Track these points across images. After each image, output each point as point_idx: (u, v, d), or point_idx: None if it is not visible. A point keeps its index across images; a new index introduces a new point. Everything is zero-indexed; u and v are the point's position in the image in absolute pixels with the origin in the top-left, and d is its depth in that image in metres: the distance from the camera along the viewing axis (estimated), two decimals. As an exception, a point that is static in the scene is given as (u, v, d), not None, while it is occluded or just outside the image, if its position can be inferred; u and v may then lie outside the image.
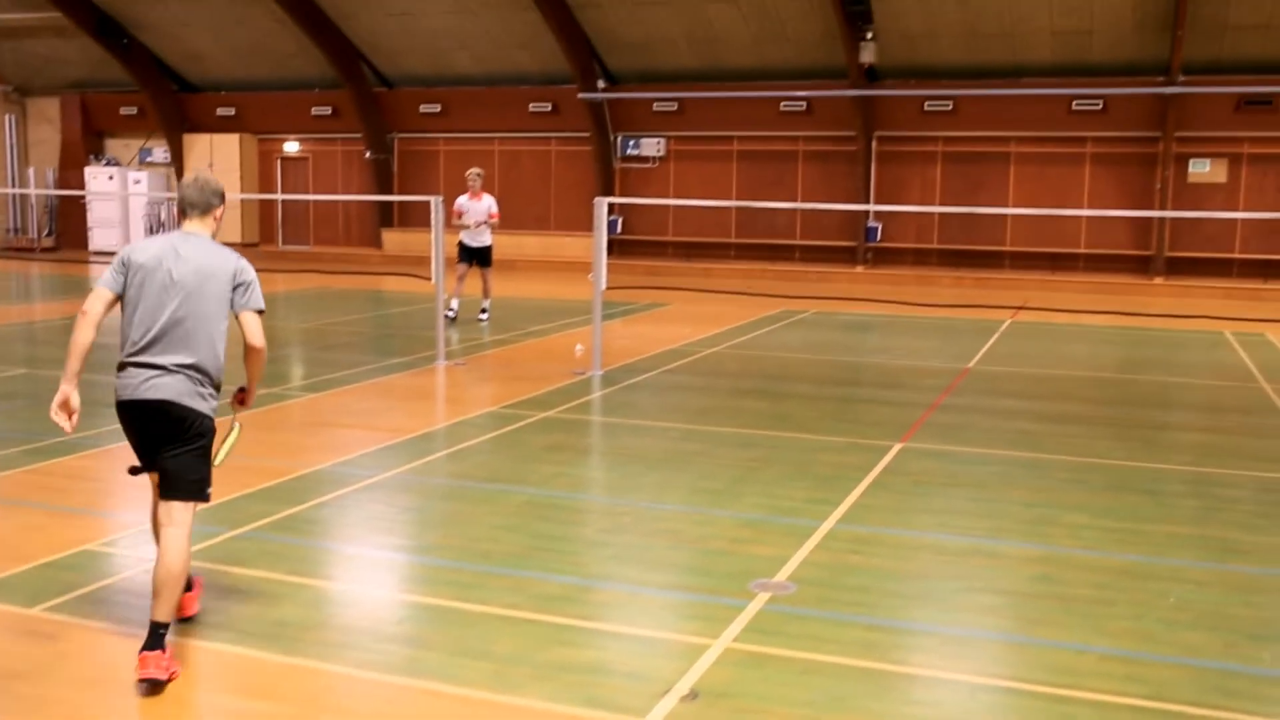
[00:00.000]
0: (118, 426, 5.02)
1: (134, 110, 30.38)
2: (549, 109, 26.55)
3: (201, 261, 4.97)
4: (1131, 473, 7.99)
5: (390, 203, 28.11)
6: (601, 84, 25.65)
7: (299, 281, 22.05)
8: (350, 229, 29.44)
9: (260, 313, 5.04)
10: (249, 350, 5.06)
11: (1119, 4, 20.99)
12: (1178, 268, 22.59)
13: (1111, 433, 9.36)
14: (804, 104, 24.50)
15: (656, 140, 25.93)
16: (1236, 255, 22.40)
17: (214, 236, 5.18)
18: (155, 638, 4.48)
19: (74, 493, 7.14)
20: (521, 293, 20.02)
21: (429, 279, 12.56)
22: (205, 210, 5.22)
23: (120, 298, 4.95)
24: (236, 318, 5.00)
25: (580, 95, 25.41)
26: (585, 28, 24.72)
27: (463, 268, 15.78)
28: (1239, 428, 9.74)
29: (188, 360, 4.89)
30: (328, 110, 28.51)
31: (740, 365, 12.73)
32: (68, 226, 31.33)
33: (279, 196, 28.74)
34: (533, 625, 5.02)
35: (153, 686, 4.40)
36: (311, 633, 4.94)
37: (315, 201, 29.37)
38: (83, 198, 29.98)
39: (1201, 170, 22.46)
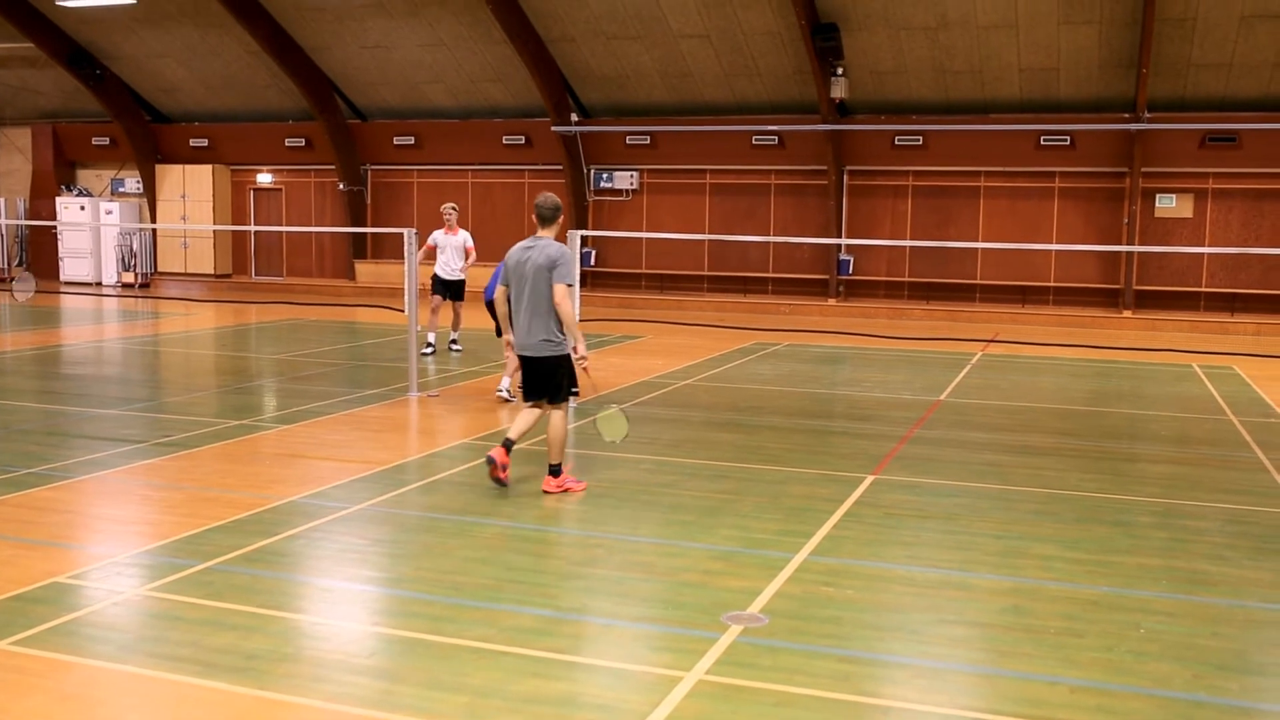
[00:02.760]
0: (88, 458, 5.15)
1: (106, 141, 30.31)
2: (522, 142, 26.67)
3: (538, 257, 7.67)
4: (1101, 505, 8.06)
5: (364, 234, 28.11)
6: (575, 117, 25.79)
7: (272, 313, 21.99)
8: (323, 260, 29.41)
9: (569, 285, 7.73)
10: (555, 308, 7.72)
11: (1085, 43, 21.33)
12: (1146, 301, 22.87)
13: (1081, 465, 9.44)
14: (776, 138, 24.71)
15: (630, 173, 26.08)
16: (1203, 289, 22.69)
17: (556, 236, 7.84)
18: (552, 471, 7.93)
19: (43, 525, 7.07)
20: (494, 324, 20.00)
21: (402, 310, 12.56)
22: (551, 221, 7.85)
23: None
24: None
25: (554, 128, 25.54)
26: (558, 61, 24.88)
27: (436, 300, 15.80)
28: (1207, 460, 9.85)
29: (540, 326, 7.76)
30: (301, 142, 28.53)
31: (713, 397, 12.77)
32: (39, 256, 31.15)
33: (252, 228, 28.68)
34: (505, 658, 5.02)
35: (551, 493, 7.86)
36: (283, 666, 4.91)
37: (288, 233, 29.33)
38: (54, 228, 29.85)
39: (1168, 205, 22.78)
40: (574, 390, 8.11)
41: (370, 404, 11.71)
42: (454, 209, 16.09)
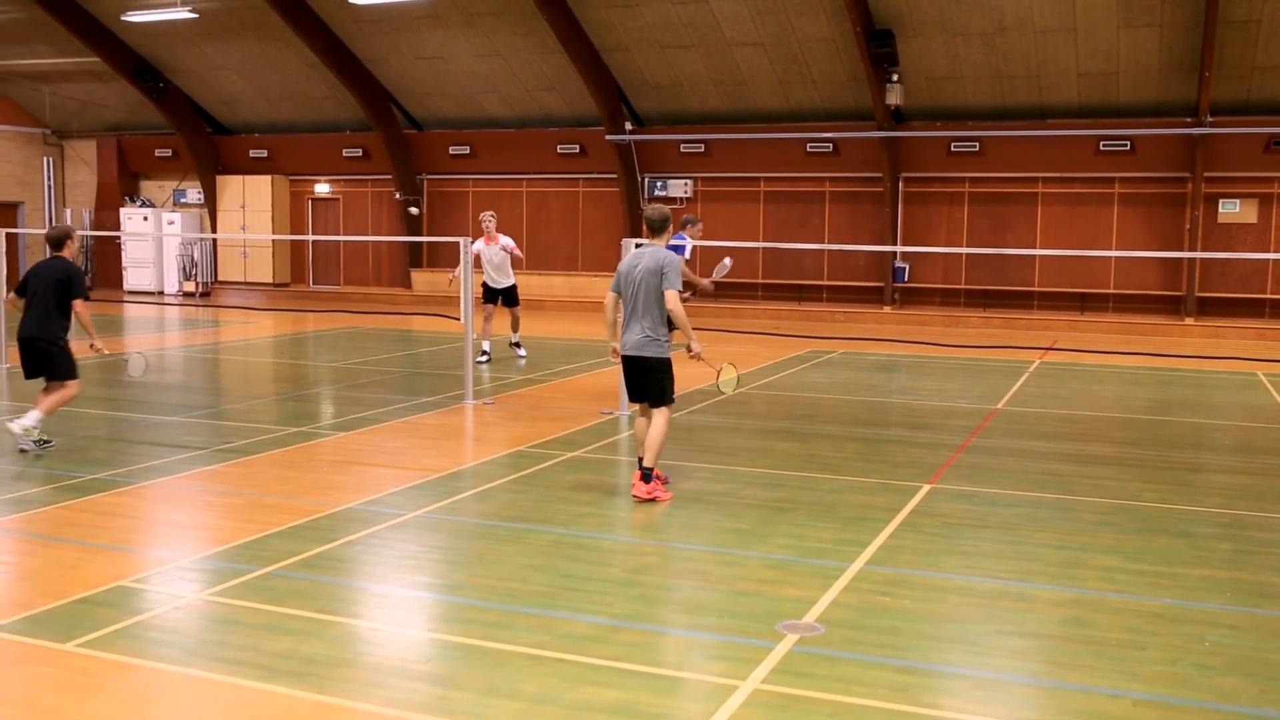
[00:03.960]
0: (151, 464, 5.21)
1: (169, 152, 30.84)
2: (577, 150, 26.77)
3: (647, 263, 7.98)
4: (1163, 515, 7.93)
5: (419, 243, 28.34)
6: (629, 126, 25.84)
7: (329, 321, 22.23)
8: (380, 269, 29.70)
9: (679, 291, 7.94)
10: (669, 313, 7.97)
11: (1145, 46, 21.02)
12: (1209, 308, 22.47)
13: (1142, 475, 9.29)
14: (831, 145, 24.59)
15: (684, 181, 26.07)
16: (1269, 295, 22.24)
17: (665, 244, 8.14)
18: (645, 475, 7.97)
19: (108, 529, 7.20)
20: (549, 332, 20.11)
21: (458, 319, 12.65)
22: (661, 231, 8.16)
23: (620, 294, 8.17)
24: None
25: (608, 137, 25.61)
26: (613, 71, 24.95)
27: (488, 308, 15.86)
28: (1273, 470, 9.65)
29: (646, 326, 8.02)
30: (358, 152, 28.84)
31: (768, 405, 12.73)
32: (103, 267, 31.75)
33: (310, 237, 29.03)
34: (561, 665, 5.02)
35: (639, 501, 7.89)
36: (340, 670, 4.96)
37: (345, 242, 29.66)
38: (118, 238, 30.42)
39: (1231, 210, 22.38)
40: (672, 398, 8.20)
41: (426, 411, 11.80)
42: (492, 216, 16.06)
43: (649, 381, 8.11)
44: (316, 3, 25.04)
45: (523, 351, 16.26)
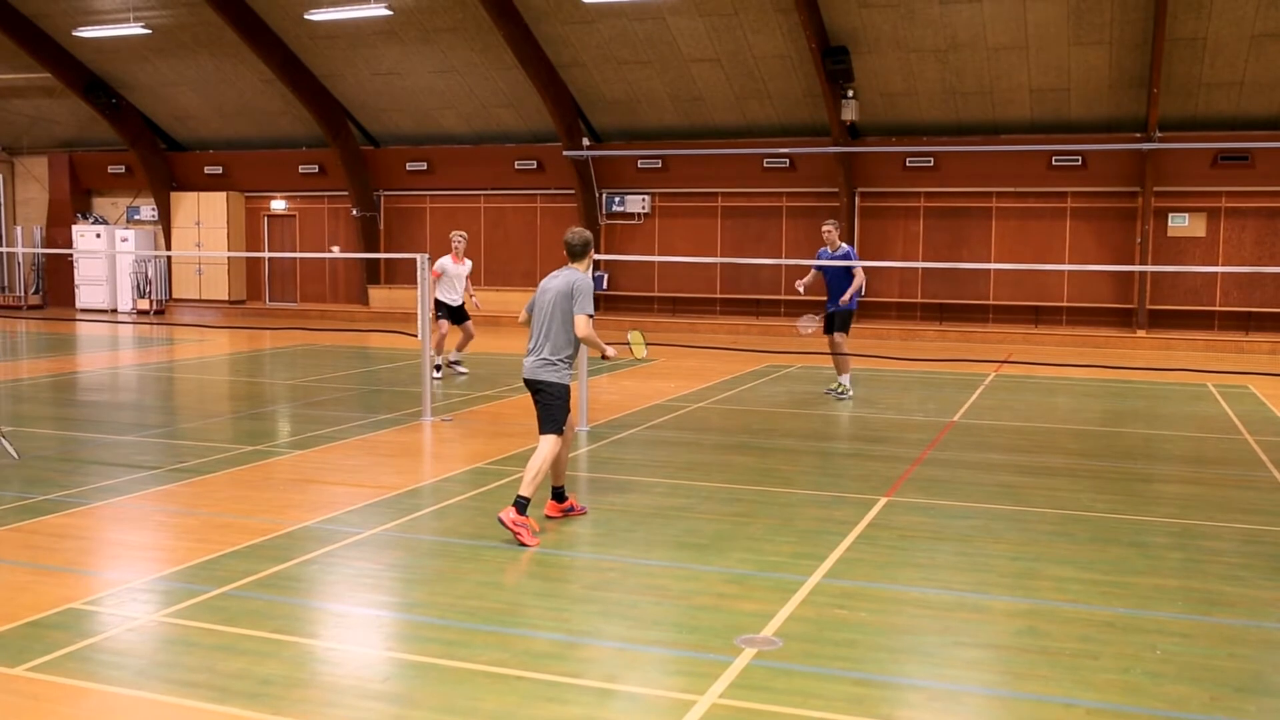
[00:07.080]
0: (104, 485, 5.25)
1: (122, 169, 30.55)
2: (534, 166, 26.78)
3: (559, 286, 7.65)
4: (1116, 525, 8.03)
5: (377, 260, 28.23)
6: (586, 141, 25.90)
7: (286, 339, 22.07)
8: (337, 286, 29.54)
9: (589, 316, 7.56)
10: (580, 339, 7.67)
11: (1095, 63, 21.36)
12: (1160, 320, 22.81)
13: (1095, 485, 9.40)
14: (787, 160, 24.77)
15: (641, 197, 26.16)
16: (1217, 308, 22.62)
17: (586, 270, 7.80)
18: (517, 504, 7.28)
19: (59, 551, 7.10)
20: (508, 349, 20.06)
21: (415, 335, 12.60)
22: (580, 256, 7.81)
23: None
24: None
25: (565, 153, 25.65)
26: (570, 86, 25.01)
27: (445, 324, 15.94)
28: (1223, 480, 9.79)
29: (546, 350, 7.66)
30: (314, 168, 28.71)
31: (725, 420, 12.77)
32: (55, 284, 31.39)
33: (266, 254, 28.86)
34: (519, 682, 5.01)
35: (504, 525, 7.21)
36: (297, 691, 4.91)
37: (302, 259, 29.48)
38: (70, 256, 30.07)
39: (1181, 224, 22.75)
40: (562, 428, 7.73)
41: (384, 429, 11.73)
42: (464, 237, 16.23)
43: (538, 405, 7.72)
44: (271, 18, 24.93)
45: (464, 370, 16.50)
